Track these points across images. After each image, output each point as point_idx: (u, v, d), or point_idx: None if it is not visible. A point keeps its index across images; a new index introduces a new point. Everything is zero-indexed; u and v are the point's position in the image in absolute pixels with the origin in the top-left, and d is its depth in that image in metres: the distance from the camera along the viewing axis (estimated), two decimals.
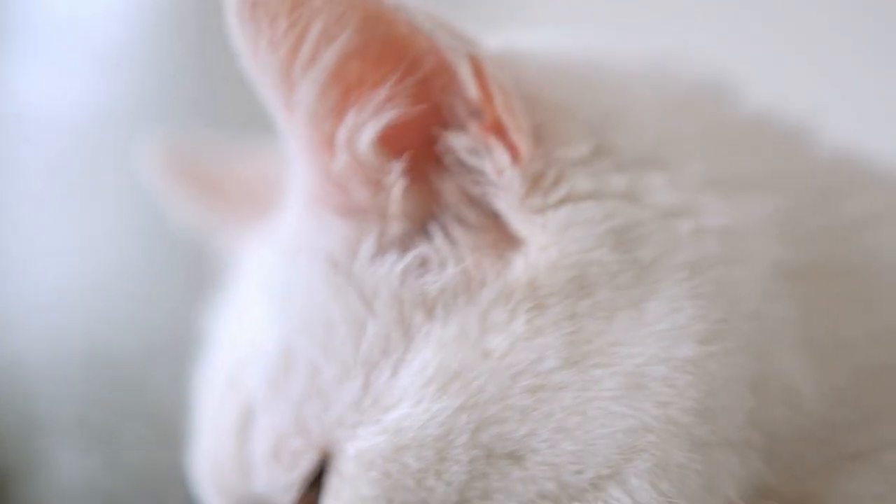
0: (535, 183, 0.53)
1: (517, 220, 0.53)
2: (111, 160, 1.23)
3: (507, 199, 0.53)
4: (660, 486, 0.51)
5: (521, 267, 0.53)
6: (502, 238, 0.54)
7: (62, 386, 1.17)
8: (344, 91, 0.52)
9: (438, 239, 0.54)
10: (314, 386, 0.54)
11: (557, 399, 0.51)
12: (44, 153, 1.24)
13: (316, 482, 0.55)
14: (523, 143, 0.52)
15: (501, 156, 0.53)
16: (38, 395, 1.17)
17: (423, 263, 0.54)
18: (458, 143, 0.53)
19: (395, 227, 0.54)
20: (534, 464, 0.51)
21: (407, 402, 0.52)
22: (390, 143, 0.53)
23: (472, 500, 0.51)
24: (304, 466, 0.54)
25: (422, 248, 0.54)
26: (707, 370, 0.51)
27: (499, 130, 0.53)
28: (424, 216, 0.55)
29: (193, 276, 0.75)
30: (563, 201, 0.53)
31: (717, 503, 0.51)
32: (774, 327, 0.53)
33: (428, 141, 0.54)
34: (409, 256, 0.54)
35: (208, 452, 0.60)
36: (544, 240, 0.52)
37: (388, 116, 0.52)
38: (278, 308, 0.56)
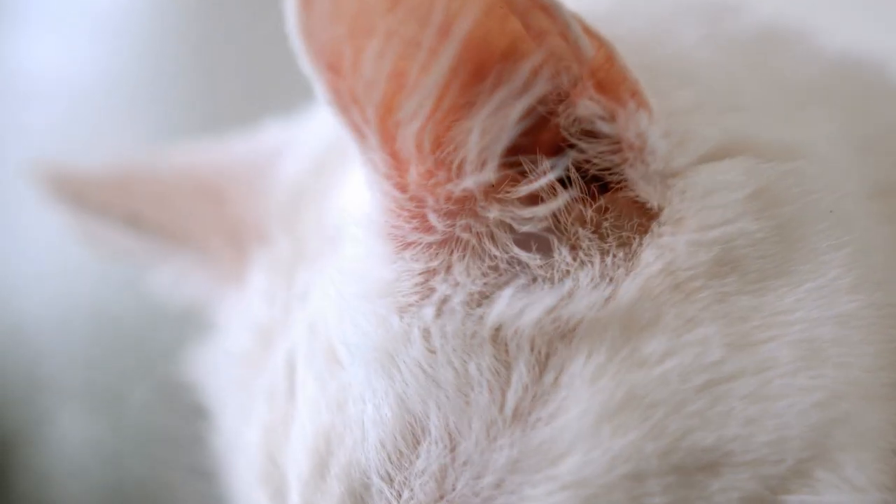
0: (667, 139, 0.47)
1: (653, 188, 0.47)
2: (114, 125, 1.23)
3: (647, 164, 0.47)
4: (862, 457, 0.47)
5: (652, 255, 0.47)
6: (622, 227, 0.48)
7: (67, 348, 1.17)
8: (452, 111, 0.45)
9: (562, 258, 0.48)
10: (457, 453, 0.48)
11: (735, 390, 0.46)
12: (47, 119, 1.24)
13: None
14: (651, 99, 0.47)
15: (639, 115, 0.46)
16: (42, 358, 1.18)
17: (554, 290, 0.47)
18: (588, 110, 0.46)
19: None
20: (730, 468, 0.46)
21: (580, 448, 0.46)
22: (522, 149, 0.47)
23: None
24: None
25: (563, 285, 0.47)
26: (867, 319, 0.48)
27: (626, 89, 0.46)
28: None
29: None
30: (700, 161, 0.48)
31: (887, 456, 0.48)
32: (887, 252, 0.50)
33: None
34: (560, 288, 0.47)
35: None
36: (683, 209, 0.47)
37: (518, 127, 0.45)
38: (379, 368, 0.48)
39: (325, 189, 0.58)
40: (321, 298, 0.53)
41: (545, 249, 0.48)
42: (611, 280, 0.47)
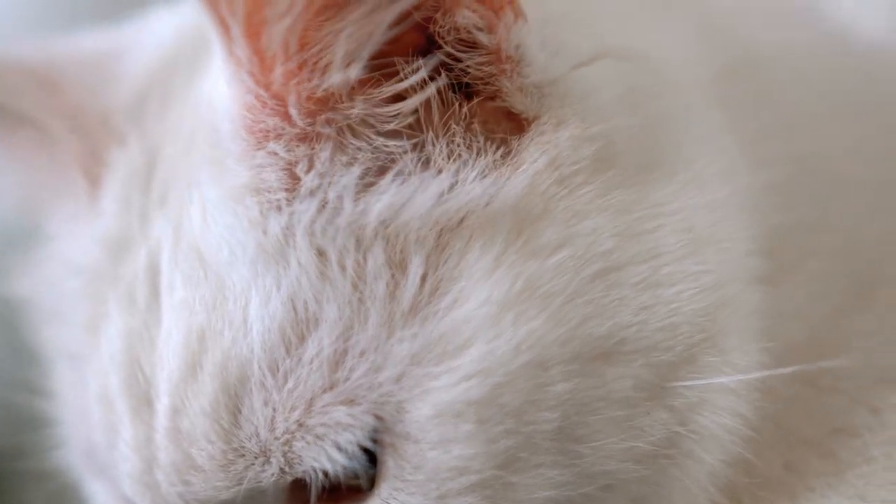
0: (544, 51, 0.49)
1: (529, 99, 0.49)
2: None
3: (524, 76, 0.49)
4: (744, 340, 0.50)
5: (536, 152, 0.49)
6: (502, 129, 0.50)
7: None
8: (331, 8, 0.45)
9: (438, 153, 0.50)
10: (352, 344, 0.48)
11: (627, 278, 0.48)
12: None
13: None
14: (526, 7, 0.48)
15: (517, 26, 0.48)
16: None
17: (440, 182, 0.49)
18: (466, 20, 0.48)
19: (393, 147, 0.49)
20: (624, 357, 0.48)
21: (482, 338, 0.47)
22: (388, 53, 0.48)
23: (574, 420, 0.48)
24: (356, 437, 0.49)
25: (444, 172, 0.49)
26: (735, 205, 0.50)
27: None
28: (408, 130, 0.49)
29: None
30: (576, 66, 0.50)
31: (760, 337, 0.51)
32: (730, 137, 0.53)
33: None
34: (441, 180, 0.49)
35: (163, 449, 0.52)
36: (563, 113, 0.49)
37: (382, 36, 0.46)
38: (265, 266, 0.49)
39: (175, 92, 0.57)
40: (184, 201, 0.53)
41: (417, 144, 0.49)
42: (495, 176, 0.48)
